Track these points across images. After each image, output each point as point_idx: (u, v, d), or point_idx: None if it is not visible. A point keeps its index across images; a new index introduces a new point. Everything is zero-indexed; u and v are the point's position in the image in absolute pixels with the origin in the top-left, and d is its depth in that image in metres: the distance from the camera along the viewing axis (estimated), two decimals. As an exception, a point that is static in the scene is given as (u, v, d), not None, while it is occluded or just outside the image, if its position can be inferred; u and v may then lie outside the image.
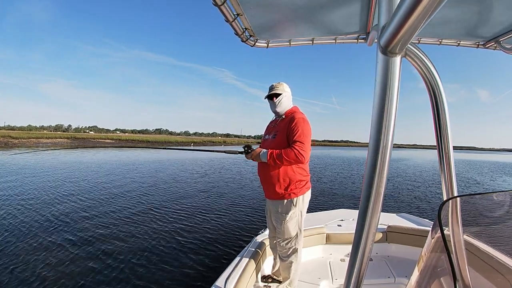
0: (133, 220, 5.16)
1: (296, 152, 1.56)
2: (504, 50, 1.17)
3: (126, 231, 4.58)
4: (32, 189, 7.74)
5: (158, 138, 70.84)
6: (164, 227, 4.83)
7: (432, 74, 0.58)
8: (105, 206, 6.15)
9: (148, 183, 9.37)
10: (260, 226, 4.31)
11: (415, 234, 2.33)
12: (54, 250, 3.73)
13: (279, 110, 1.77)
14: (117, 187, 8.35)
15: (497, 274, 0.53)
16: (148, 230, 4.65)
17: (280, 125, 1.75)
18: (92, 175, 10.87)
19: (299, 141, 1.59)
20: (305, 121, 1.68)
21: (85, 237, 4.24)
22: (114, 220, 5.17)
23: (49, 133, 71.95)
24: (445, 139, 0.63)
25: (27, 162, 14.39)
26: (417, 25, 0.40)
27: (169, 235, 4.45)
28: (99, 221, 5.07)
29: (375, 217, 0.55)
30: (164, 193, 7.80)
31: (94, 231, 4.51)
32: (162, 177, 10.81)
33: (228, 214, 5.83)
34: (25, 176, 9.87)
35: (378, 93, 0.50)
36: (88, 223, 4.91)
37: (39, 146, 32.80)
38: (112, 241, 4.11)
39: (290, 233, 1.72)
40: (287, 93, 1.77)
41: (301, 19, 1.07)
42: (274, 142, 1.73)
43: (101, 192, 7.57)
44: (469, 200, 0.67)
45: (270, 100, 1.78)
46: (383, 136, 0.51)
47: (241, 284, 1.54)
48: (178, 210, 6.02)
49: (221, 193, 8.09)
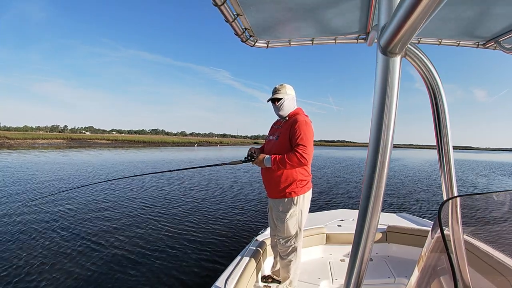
0: (133, 220, 5.13)
1: (299, 155, 1.59)
2: (503, 50, 1.17)
3: (126, 231, 4.56)
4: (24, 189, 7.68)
5: (155, 139, 70.22)
6: (164, 227, 4.81)
7: (432, 74, 0.58)
8: (105, 206, 6.11)
9: (147, 183, 9.32)
10: (261, 226, 4.32)
11: (415, 234, 2.33)
12: (53, 250, 3.70)
13: (282, 113, 1.80)
14: (117, 187, 8.30)
15: (497, 274, 0.54)
16: (148, 230, 4.63)
17: (283, 126, 1.78)
18: (92, 175, 10.80)
19: (302, 144, 1.62)
20: (307, 123, 1.70)
21: (85, 237, 4.21)
22: (114, 219, 5.14)
23: (45, 133, 71.42)
24: (445, 139, 0.63)
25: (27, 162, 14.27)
26: (417, 25, 0.40)
27: (169, 235, 4.43)
28: (100, 221, 5.04)
29: (375, 217, 0.55)
30: (164, 193, 7.77)
31: (94, 231, 4.48)
32: (162, 177, 10.76)
33: (228, 214, 5.82)
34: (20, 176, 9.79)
35: (378, 93, 0.50)
36: (88, 223, 4.88)
37: (35, 147, 32.52)
38: (112, 241, 4.09)
39: (290, 231, 1.74)
40: (289, 95, 1.78)
41: (301, 19, 1.07)
42: (278, 143, 1.76)
43: (101, 192, 7.52)
44: (469, 200, 0.67)
45: (273, 104, 1.80)
46: (383, 136, 0.51)
47: (241, 284, 1.53)
48: (178, 210, 6.00)
49: (221, 193, 8.07)
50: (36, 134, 61.68)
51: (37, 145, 37.09)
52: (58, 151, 25.36)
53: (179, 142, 66.48)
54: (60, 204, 6.22)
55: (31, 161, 15.54)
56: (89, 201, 6.55)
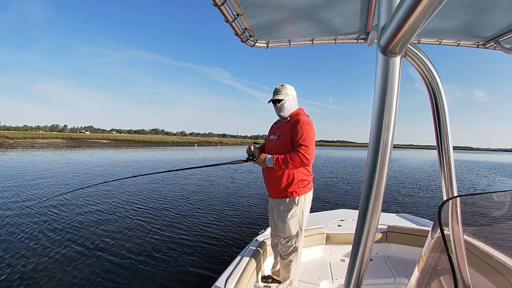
0: (133, 221, 5.13)
1: (301, 155, 1.59)
2: (504, 50, 1.17)
3: (126, 231, 4.55)
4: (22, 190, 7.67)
5: (154, 139, 70.14)
6: (164, 227, 4.81)
7: (432, 74, 0.58)
8: (104, 205, 6.11)
9: (147, 183, 9.32)
10: (261, 226, 4.32)
11: (415, 234, 2.33)
12: (51, 251, 3.70)
13: (283, 114, 1.80)
14: (116, 187, 8.29)
15: (497, 274, 0.54)
16: (148, 231, 4.62)
17: (285, 126, 1.78)
18: (91, 175, 10.79)
19: (304, 144, 1.62)
20: (309, 124, 1.70)
21: (86, 237, 4.21)
22: (114, 219, 5.14)
23: (45, 133, 71.38)
24: (445, 139, 0.63)
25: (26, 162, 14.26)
26: (417, 25, 0.40)
27: (169, 235, 4.43)
28: (100, 220, 5.04)
29: (375, 217, 0.55)
30: (164, 193, 7.76)
31: (94, 231, 4.48)
32: (162, 177, 10.75)
33: (228, 214, 5.82)
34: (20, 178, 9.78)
35: (378, 93, 0.50)
36: (89, 224, 4.87)
37: (35, 147, 32.51)
38: (111, 241, 4.09)
39: (291, 231, 1.74)
40: (290, 96, 1.78)
41: (301, 19, 1.07)
42: (279, 143, 1.76)
43: (100, 191, 7.51)
44: (469, 200, 0.67)
45: (274, 104, 1.80)
46: (383, 136, 0.51)
47: (241, 284, 1.53)
48: (178, 210, 6.00)
49: (221, 193, 8.07)
50: (36, 133, 61.66)
51: (36, 145, 37.09)
52: (57, 151, 25.35)
53: (178, 142, 66.36)
54: (54, 206, 6.20)
55: (30, 161, 15.54)
56: (89, 201, 6.55)
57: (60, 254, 3.63)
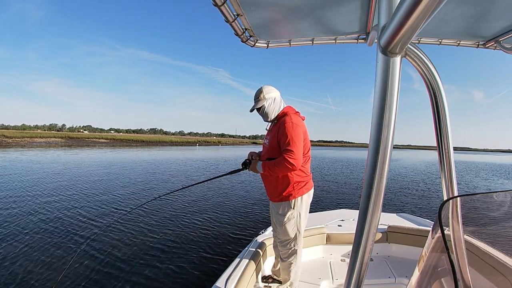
0: (133, 221, 5.12)
1: (286, 162, 1.53)
2: (504, 50, 1.18)
3: (127, 231, 4.55)
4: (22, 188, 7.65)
5: (153, 138, 70.03)
6: (164, 228, 4.81)
7: (432, 74, 0.58)
8: (104, 205, 6.10)
9: (147, 183, 9.31)
10: (261, 227, 4.31)
11: (415, 234, 2.33)
12: (50, 250, 3.69)
13: (268, 119, 1.75)
14: (116, 187, 8.28)
15: (497, 274, 0.54)
16: (149, 231, 4.62)
17: (273, 130, 1.73)
18: (91, 175, 10.77)
19: (288, 149, 1.55)
20: (294, 125, 1.60)
21: (86, 238, 4.20)
22: (114, 219, 5.13)
23: (43, 132, 71.09)
24: (445, 139, 0.63)
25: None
26: (417, 25, 0.40)
27: (169, 236, 4.43)
28: (100, 220, 5.03)
29: (375, 217, 0.55)
30: (164, 193, 7.76)
31: (94, 232, 4.48)
32: (162, 177, 10.75)
33: (228, 214, 5.81)
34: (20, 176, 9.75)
35: (378, 93, 0.50)
36: (89, 224, 4.87)
37: (33, 146, 32.40)
38: (112, 241, 4.08)
39: (289, 234, 1.72)
40: (269, 99, 1.70)
41: (301, 19, 1.07)
42: (268, 148, 1.73)
43: (100, 191, 7.50)
44: (469, 200, 0.68)
45: (258, 112, 1.76)
46: (383, 136, 0.51)
47: (241, 284, 1.53)
48: (178, 210, 5.99)
49: (221, 194, 8.06)
50: (34, 132, 61.44)
51: (35, 144, 36.95)
52: (56, 150, 25.27)
53: (177, 142, 66.26)
54: (53, 207, 6.20)
55: (30, 160, 15.49)
56: (89, 201, 6.54)
57: (59, 254, 3.63)
